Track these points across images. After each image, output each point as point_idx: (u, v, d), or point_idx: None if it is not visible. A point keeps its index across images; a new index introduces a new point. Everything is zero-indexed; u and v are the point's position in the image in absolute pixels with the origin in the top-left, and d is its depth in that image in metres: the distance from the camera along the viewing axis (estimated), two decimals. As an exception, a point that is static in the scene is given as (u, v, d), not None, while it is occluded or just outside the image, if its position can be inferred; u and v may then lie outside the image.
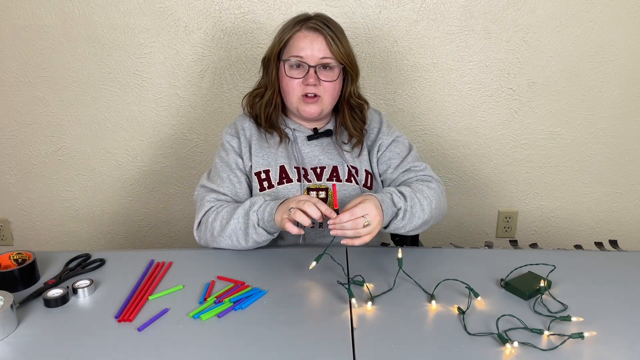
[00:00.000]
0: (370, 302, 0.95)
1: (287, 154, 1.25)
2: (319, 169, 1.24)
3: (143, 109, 1.85)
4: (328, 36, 1.16)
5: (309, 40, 1.16)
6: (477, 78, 1.81)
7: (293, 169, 1.23)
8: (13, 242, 2.06)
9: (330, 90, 1.19)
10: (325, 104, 1.21)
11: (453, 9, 1.72)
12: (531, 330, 0.87)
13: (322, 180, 1.23)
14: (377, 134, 1.29)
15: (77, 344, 0.86)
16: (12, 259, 1.06)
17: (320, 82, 1.17)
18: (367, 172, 1.26)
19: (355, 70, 1.23)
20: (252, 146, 1.25)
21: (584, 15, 1.73)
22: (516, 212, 2.00)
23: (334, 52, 1.16)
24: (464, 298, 0.97)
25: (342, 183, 1.23)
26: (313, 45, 1.16)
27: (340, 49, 1.17)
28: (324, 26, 1.16)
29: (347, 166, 1.24)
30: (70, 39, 1.77)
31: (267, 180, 1.23)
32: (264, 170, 1.24)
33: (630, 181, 1.95)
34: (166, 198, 1.98)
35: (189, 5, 1.72)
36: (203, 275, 1.06)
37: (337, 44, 1.16)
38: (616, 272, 1.06)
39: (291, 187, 1.22)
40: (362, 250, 1.18)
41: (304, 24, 1.17)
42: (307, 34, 1.17)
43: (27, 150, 1.92)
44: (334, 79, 1.18)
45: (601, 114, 1.85)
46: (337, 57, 1.17)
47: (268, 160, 1.24)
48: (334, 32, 1.17)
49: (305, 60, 1.16)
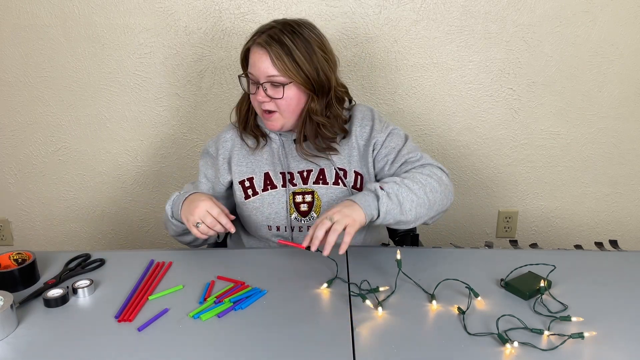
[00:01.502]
0: (381, 308, 0.94)
1: (272, 159, 1.24)
2: (306, 172, 1.23)
3: (143, 109, 1.86)
4: (274, 53, 1.10)
5: (257, 58, 1.12)
6: (477, 78, 1.81)
7: (278, 175, 1.22)
8: (13, 242, 2.06)
9: (284, 107, 1.15)
10: (285, 119, 1.17)
11: (453, 9, 1.72)
12: (531, 330, 0.87)
13: (308, 183, 1.22)
14: (370, 133, 1.24)
15: (77, 344, 0.86)
16: (12, 259, 1.06)
17: (270, 99, 1.14)
18: (356, 173, 1.23)
19: (318, 85, 1.14)
20: (233, 157, 1.25)
21: (584, 15, 1.73)
22: (516, 212, 2.00)
23: (280, 69, 1.10)
24: (464, 298, 0.97)
25: (329, 186, 1.21)
26: (260, 64, 1.11)
27: (289, 66, 1.10)
28: (273, 41, 1.10)
29: (334, 169, 1.22)
30: (70, 39, 1.77)
31: (252, 188, 1.23)
32: (248, 178, 1.23)
33: (630, 181, 1.95)
34: (166, 198, 1.96)
35: (189, 5, 1.72)
36: (203, 275, 1.06)
37: (284, 60, 1.10)
38: (616, 272, 1.06)
39: (276, 193, 1.21)
40: (362, 250, 1.18)
41: (256, 39, 1.13)
42: (255, 50, 1.12)
43: (27, 150, 1.92)
44: (280, 96, 1.13)
45: (601, 114, 1.85)
46: (284, 74, 1.11)
47: (252, 168, 1.24)
48: (288, 47, 1.10)
49: (254, 77, 1.14)
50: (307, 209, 1.21)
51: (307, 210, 1.22)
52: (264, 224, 1.23)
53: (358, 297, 0.98)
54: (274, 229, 1.22)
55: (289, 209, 1.21)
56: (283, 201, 1.21)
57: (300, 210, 1.21)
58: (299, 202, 1.21)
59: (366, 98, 1.82)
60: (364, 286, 1.01)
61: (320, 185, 1.22)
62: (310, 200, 1.22)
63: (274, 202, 1.21)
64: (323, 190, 1.22)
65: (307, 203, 1.21)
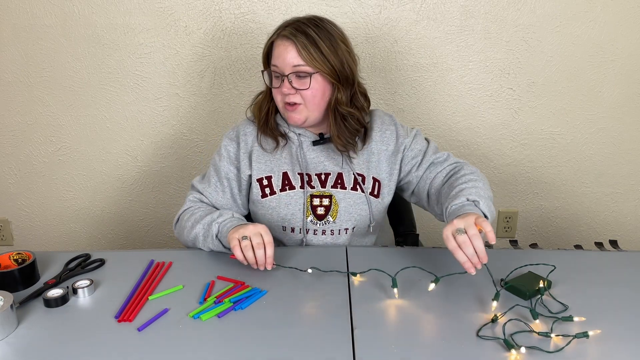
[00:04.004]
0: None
1: (291, 159, 1.22)
2: (324, 175, 1.22)
3: (143, 109, 1.85)
4: (300, 43, 1.10)
5: (282, 49, 1.12)
6: (477, 78, 1.81)
7: (296, 176, 1.21)
8: (13, 242, 2.06)
9: (309, 98, 1.14)
10: (310, 112, 1.16)
11: (453, 9, 1.72)
12: (538, 334, 0.86)
13: (326, 187, 1.21)
14: (397, 139, 1.24)
15: (77, 344, 0.86)
16: (12, 259, 1.06)
17: (296, 90, 1.15)
18: (374, 179, 1.23)
19: (343, 76, 1.15)
20: (254, 153, 1.23)
21: (584, 15, 1.73)
22: (516, 212, 2.00)
23: (306, 60, 1.11)
24: (464, 298, 0.97)
25: (347, 191, 1.21)
26: (285, 54, 1.12)
27: (315, 55, 1.11)
28: (298, 33, 1.11)
29: (352, 174, 1.22)
30: (70, 39, 1.77)
31: (269, 187, 1.21)
32: (266, 177, 1.22)
33: (630, 181, 1.95)
34: (166, 198, 1.98)
35: (189, 5, 1.72)
36: (203, 275, 1.06)
37: (310, 50, 1.10)
38: (616, 273, 1.06)
39: (293, 194, 1.21)
40: (363, 250, 1.18)
41: (281, 32, 1.13)
42: (280, 43, 1.13)
43: (27, 150, 1.92)
44: (307, 86, 1.13)
45: (601, 114, 1.85)
46: (310, 64, 1.11)
47: (270, 166, 1.22)
48: (312, 38, 1.11)
49: (279, 69, 1.14)
50: (324, 212, 1.21)
51: (323, 214, 1.21)
52: (279, 224, 1.22)
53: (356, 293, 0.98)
54: (289, 230, 1.22)
55: (306, 211, 1.20)
56: (300, 203, 1.20)
57: (317, 213, 1.21)
58: (316, 205, 1.20)
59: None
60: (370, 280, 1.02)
61: (339, 189, 1.21)
62: (327, 204, 1.21)
63: (291, 203, 1.20)
64: (341, 195, 1.21)
65: (324, 207, 1.20)
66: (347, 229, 1.22)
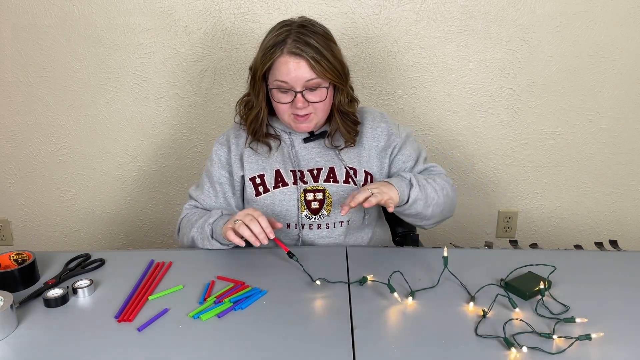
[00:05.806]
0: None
1: (283, 157, 1.24)
2: (316, 171, 1.24)
3: (143, 109, 1.85)
4: (310, 59, 1.10)
5: (292, 66, 1.10)
6: (477, 78, 1.81)
7: (289, 173, 1.23)
8: (13, 242, 2.06)
9: (321, 107, 1.16)
10: (318, 119, 1.19)
11: (453, 9, 1.72)
12: (539, 335, 0.86)
13: (318, 182, 1.23)
14: (389, 136, 1.26)
15: (77, 344, 0.86)
16: (12, 259, 1.06)
17: (309, 103, 1.15)
18: (366, 172, 1.25)
19: (344, 78, 1.18)
20: (245, 154, 1.25)
21: (584, 15, 1.73)
22: (516, 212, 2.00)
23: (319, 73, 1.11)
24: (464, 298, 0.97)
25: (340, 184, 1.23)
26: (297, 71, 1.10)
27: (325, 66, 1.11)
28: (305, 47, 1.10)
29: (344, 167, 1.23)
30: (70, 39, 1.77)
31: (262, 185, 1.23)
32: (259, 175, 1.24)
33: (630, 181, 1.95)
34: (166, 198, 1.98)
35: (189, 5, 1.72)
36: (203, 275, 1.06)
37: (321, 63, 1.10)
38: (616, 273, 1.06)
39: (287, 190, 1.22)
40: (362, 250, 1.18)
41: (284, 48, 1.10)
42: (288, 60, 1.10)
43: (27, 150, 1.92)
44: (323, 98, 1.15)
45: (601, 114, 1.85)
46: (322, 76, 1.12)
47: (262, 165, 1.24)
48: (317, 49, 1.11)
49: (290, 86, 1.12)
50: (318, 206, 1.22)
51: (317, 208, 1.22)
52: None
53: (359, 288, 0.98)
54: (285, 226, 1.23)
55: (300, 207, 1.22)
56: (294, 198, 1.21)
57: (311, 208, 1.22)
58: (310, 200, 1.22)
59: (366, 98, 1.82)
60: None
61: (331, 183, 1.23)
62: (321, 198, 1.22)
63: (285, 199, 1.22)
64: (334, 188, 1.22)
65: (318, 201, 1.22)
66: (342, 222, 1.23)
